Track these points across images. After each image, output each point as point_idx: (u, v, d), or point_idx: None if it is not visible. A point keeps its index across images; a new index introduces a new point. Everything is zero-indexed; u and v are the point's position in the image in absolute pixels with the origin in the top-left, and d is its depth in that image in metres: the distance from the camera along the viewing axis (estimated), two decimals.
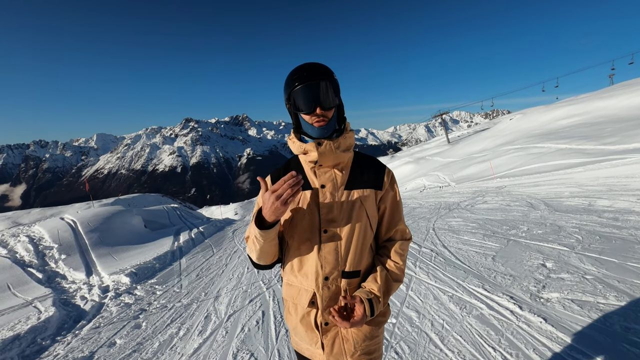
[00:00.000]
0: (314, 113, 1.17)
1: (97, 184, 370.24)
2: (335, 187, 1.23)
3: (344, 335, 1.24)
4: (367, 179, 1.27)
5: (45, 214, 16.90)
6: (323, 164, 1.23)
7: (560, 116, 26.36)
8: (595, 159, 11.66)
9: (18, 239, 7.92)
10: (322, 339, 1.24)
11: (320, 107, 1.16)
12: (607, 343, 2.30)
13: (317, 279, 1.22)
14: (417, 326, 2.95)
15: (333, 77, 1.19)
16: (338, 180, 1.24)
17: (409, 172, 29.37)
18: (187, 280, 5.68)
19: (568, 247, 4.20)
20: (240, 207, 35.20)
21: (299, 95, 1.18)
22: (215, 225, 12.12)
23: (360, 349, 1.23)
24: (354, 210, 1.22)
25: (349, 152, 1.25)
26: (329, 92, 1.17)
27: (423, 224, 7.05)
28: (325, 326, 1.24)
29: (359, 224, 1.22)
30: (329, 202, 1.22)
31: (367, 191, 1.25)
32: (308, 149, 1.22)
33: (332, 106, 1.20)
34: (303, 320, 1.27)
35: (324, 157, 1.20)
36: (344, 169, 1.26)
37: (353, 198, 1.23)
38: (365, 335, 1.24)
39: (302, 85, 1.16)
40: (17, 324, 4.11)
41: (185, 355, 3.08)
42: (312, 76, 1.16)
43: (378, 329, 1.27)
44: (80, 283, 5.93)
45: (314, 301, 1.24)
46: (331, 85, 1.18)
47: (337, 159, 1.22)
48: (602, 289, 3.01)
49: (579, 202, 6.42)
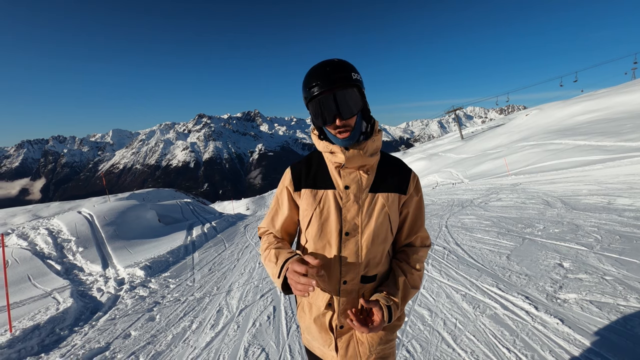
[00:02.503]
0: (334, 124, 1.10)
1: (112, 179, 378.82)
2: (360, 189, 1.18)
3: (359, 338, 1.22)
4: (392, 183, 1.22)
5: (63, 208, 17.37)
6: (349, 166, 1.17)
7: (578, 112, 25.64)
8: (615, 155, 11.30)
9: (38, 232, 8.17)
10: (337, 342, 1.22)
11: (339, 118, 1.09)
12: (627, 346, 2.23)
13: (336, 282, 1.19)
14: (429, 325, 2.92)
15: (352, 79, 1.09)
16: (363, 182, 1.19)
17: (422, 168, 29.08)
18: (200, 274, 5.76)
19: (586, 246, 4.09)
20: (252, 202, 35.50)
21: (315, 107, 1.11)
22: (228, 220, 12.25)
23: (375, 353, 1.21)
24: (377, 213, 1.18)
25: (376, 155, 1.20)
26: (348, 101, 1.08)
27: (435, 222, 6.97)
28: (341, 329, 1.22)
29: (380, 228, 1.18)
30: (351, 204, 1.18)
31: (391, 195, 1.20)
32: (335, 150, 1.16)
33: (354, 114, 1.11)
34: (317, 321, 1.25)
35: (351, 161, 1.15)
36: (369, 171, 1.20)
37: (377, 201, 1.19)
38: (381, 339, 1.22)
39: (318, 97, 1.09)
40: (37, 314, 4.24)
41: (198, 349, 3.12)
42: (326, 85, 1.07)
43: (393, 334, 1.25)
44: (96, 275, 6.08)
45: (330, 303, 1.22)
46: (349, 92, 1.09)
47: (364, 161, 1.17)
48: (623, 291, 2.92)
49: (598, 201, 6.23)
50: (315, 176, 1.24)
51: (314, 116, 1.15)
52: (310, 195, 1.22)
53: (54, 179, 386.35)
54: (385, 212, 1.19)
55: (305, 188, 1.24)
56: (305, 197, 1.23)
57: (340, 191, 1.19)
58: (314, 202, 1.21)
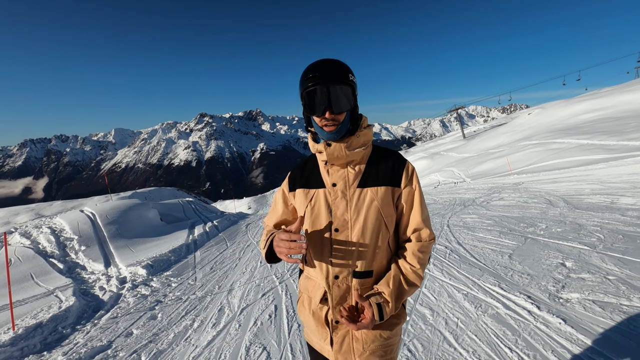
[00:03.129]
0: (323, 117, 1.15)
1: (115, 178, 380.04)
2: (347, 186, 1.22)
3: (354, 334, 1.22)
4: (382, 176, 1.22)
5: (66, 206, 17.44)
6: (335, 163, 1.22)
7: (581, 111, 25.52)
8: (618, 155, 11.23)
9: (41, 231, 8.20)
10: (332, 336, 1.24)
11: (329, 111, 1.14)
12: (630, 346, 2.22)
13: (328, 277, 1.22)
14: (431, 324, 2.91)
15: (348, 79, 1.14)
16: (350, 178, 1.22)
17: (423, 167, 29.02)
18: (202, 273, 5.77)
19: (589, 246, 4.07)
20: (253, 202, 35.53)
21: (309, 97, 1.16)
22: (229, 219, 12.26)
23: (369, 350, 1.21)
24: (366, 208, 1.19)
25: (363, 148, 1.22)
26: (341, 97, 1.14)
27: (437, 221, 6.95)
28: (336, 324, 1.23)
29: (371, 223, 1.19)
30: (339, 201, 1.21)
31: (381, 189, 1.21)
32: (320, 148, 1.22)
33: (343, 111, 1.16)
34: (315, 315, 1.28)
35: (334, 158, 1.20)
36: (357, 166, 1.24)
37: (365, 196, 1.20)
38: (376, 337, 1.21)
39: (313, 88, 1.13)
40: (40, 312, 4.26)
41: (200, 347, 3.12)
42: (324, 78, 1.12)
43: (391, 332, 1.23)
44: (99, 274, 6.10)
45: (326, 298, 1.24)
46: (344, 89, 1.15)
47: (348, 157, 1.20)
48: (626, 291, 2.91)
49: (601, 200, 6.20)
50: (309, 177, 1.32)
51: (305, 106, 1.19)
52: (302, 194, 1.29)
53: (57, 178, 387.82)
54: (376, 207, 1.20)
55: (299, 188, 1.32)
56: (299, 196, 1.31)
57: (329, 189, 1.24)
58: (305, 200, 1.27)
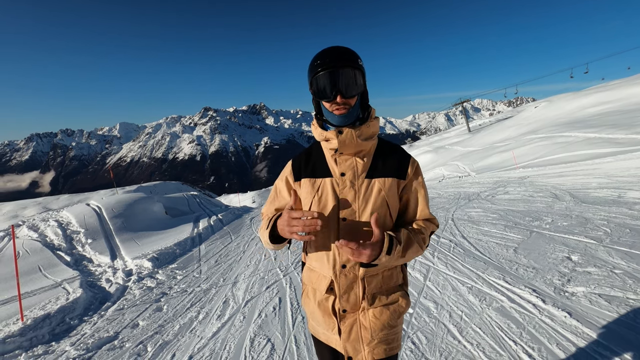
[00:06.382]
0: (334, 101, 1.14)
1: (120, 172, 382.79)
2: (356, 175, 1.21)
3: (362, 322, 1.23)
4: (389, 168, 1.23)
5: (73, 200, 17.62)
6: (344, 152, 1.20)
7: (589, 104, 25.18)
8: (626, 148, 11.10)
9: (48, 224, 8.30)
10: (340, 325, 1.24)
11: (340, 95, 1.12)
12: (636, 340, 2.20)
13: (335, 266, 1.22)
14: (435, 317, 2.91)
15: (357, 63, 1.14)
16: (359, 168, 1.21)
17: (428, 161, 28.86)
18: (207, 265, 5.81)
19: (595, 240, 4.03)
20: (257, 195, 35.62)
21: (319, 81, 1.14)
22: (234, 213, 12.32)
23: (377, 338, 1.22)
24: (374, 198, 1.19)
25: (371, 139, 1.22)
26: (351, 80, 1.13)
27: (442, 214, 6.92)
28: (343, 313, 1.23)
29: (379, 212, 1.19)
30: (348, 190, 1.20)
31: (389, 180, 1.21)
32: (329, 136, 1.19)
33: (354, 94, 1.15)
34: (321, 306, 1.28)
35: (345, 146, 1.17)
36: (365, 157, 1.23)
37: (373, 186, 1.20)
38: (384, 324, 1.22)
39: (323, 72, 1.12)
40: (48, 304, 4.32)
41: (205, 339, 3.15)
42: (333, 62, 1.11)
43: (397, 319, 1.25)
44: (105, 266, 6.17)
45: (332, 287, 1.24)
46: (354, 72, 1.13)
47: (358, 147, 1.19)
48: (633, 284, 2.88)
49: (608, 194, 6.14)
50: (314, 166, 1.28)
51: (316, 91, 1.17)
52: (309, 184, 1.26)
53: (63, 172, 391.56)
54: (383, 197, 1.20)
55: (304, 178, 1.28)
56: (305, 186, 1.27)
57: (337, 178, 1.22)
58: (312, 190, 1.24)
